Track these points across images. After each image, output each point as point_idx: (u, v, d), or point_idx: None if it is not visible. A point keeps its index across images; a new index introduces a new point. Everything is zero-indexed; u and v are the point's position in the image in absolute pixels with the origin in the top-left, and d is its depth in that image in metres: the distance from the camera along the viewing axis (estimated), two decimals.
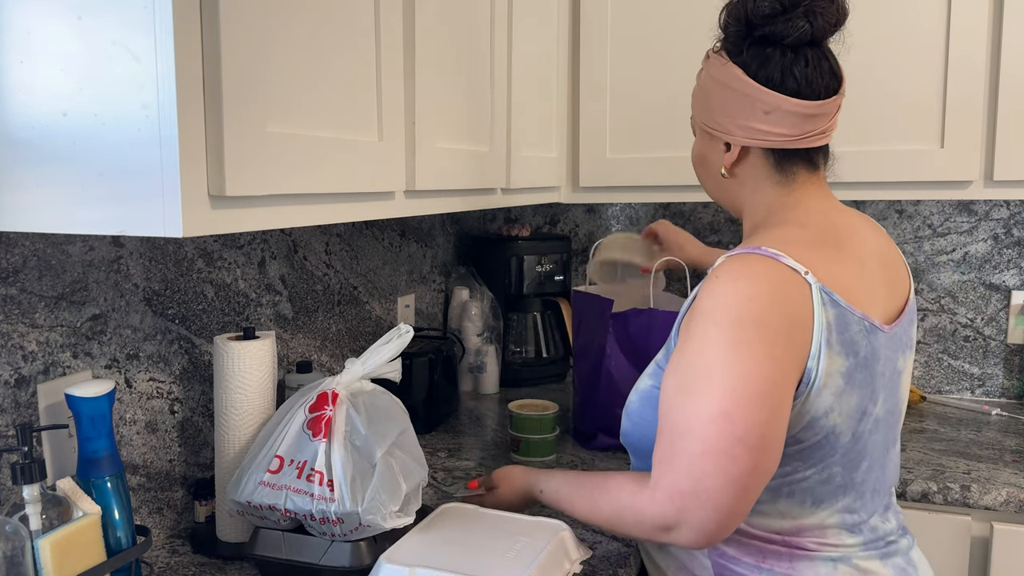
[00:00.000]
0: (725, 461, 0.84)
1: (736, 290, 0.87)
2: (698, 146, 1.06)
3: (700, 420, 0.85)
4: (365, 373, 1.11)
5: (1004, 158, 1.59)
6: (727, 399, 0.84)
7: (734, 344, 0.85)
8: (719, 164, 1.02)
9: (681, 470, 0.86)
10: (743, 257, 0.90)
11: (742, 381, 0.84)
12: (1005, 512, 1.42)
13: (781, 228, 0.96)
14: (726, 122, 0.98)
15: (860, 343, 0.91)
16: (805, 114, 0.95)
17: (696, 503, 0.86)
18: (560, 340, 2.15)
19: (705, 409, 0.85)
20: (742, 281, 0.87)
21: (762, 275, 0.87)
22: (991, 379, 1.95)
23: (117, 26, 0.71)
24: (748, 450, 0.84)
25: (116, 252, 1.12)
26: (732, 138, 0.98)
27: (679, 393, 0.88)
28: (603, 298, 1.58)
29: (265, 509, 1.04)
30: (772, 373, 0.85)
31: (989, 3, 1.57)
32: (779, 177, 1.00)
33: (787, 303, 0.87)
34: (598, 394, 1.58)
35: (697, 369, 0.87)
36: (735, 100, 0.96)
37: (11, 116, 0.76)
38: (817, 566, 0.95)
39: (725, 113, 0.98)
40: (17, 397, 0.99)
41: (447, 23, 1.20)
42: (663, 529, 0.89)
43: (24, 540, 0.83)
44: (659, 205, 2.18)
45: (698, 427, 0.85)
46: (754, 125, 0.96)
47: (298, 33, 0.85)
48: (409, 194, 1.12)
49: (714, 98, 0.99)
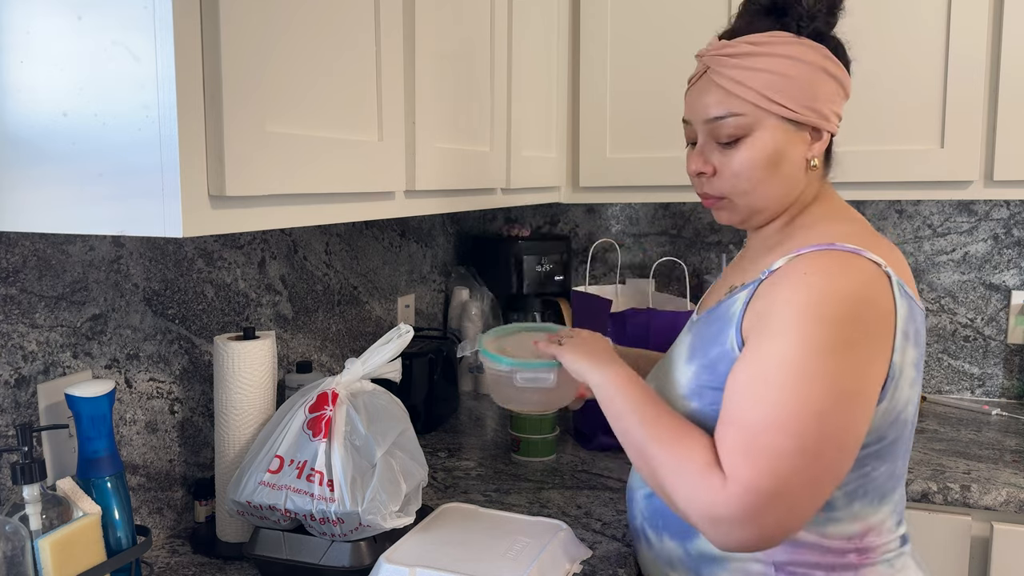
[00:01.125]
0: (812, 462, 0.81)
1: (832, 287, 0.84)
2: (770, 144, 0.93)
3: (793, 418, 0.81)
4: (365, 373, 1.11)
5: (1004, 158, 1.59)
6: (826, 399, 0.81)
7: (834, 342, 0.82)
8: (801, 157, 0.95)
9: (763, 467, 0.81)
10: (829, 254, 0.87)
11: (840, 381, 0.82)
12: (1005, 512, 1.42)
13: (837, 223, 0.94)
14: (821, 107, 0.93)
15: (922, 331, 0.91)
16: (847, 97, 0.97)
17: (772, 504, 0.81)
18: None
19: (799, 407, 0.81)
20: (838, 278, 0.85)
21: (854, 271, 0.85)
22: (991, 379, 1.95)
23: (117, 26, 0.70)
24: (837, 452, 0.82)
25: (116, 252, 1.12)
26: (828, 124, 0.94)
27: (765, 386, 0.83)
28: (602, 298, 1.58)
29: (265, 509, 1.04)
30: (867, 372, 0.84)
31: (989, 3, 1.57)
32: (824, 170, 1.00)
33: (877, 299, 0.85)
34: None
35: (791, 365, 0.82)
36: (827, 84, 0.93)
37: (11, 116, 0.76)
38: (879, 569, 0.93)
39: (819, 98, 0.92)
40: (17, 397, 0.99)
41: (447, 23, 1.20)
42: (715, 521, 0.83)
43: (24, 540, 0.83)
44: (659, 205, 2.18)
45: (790, 424, 0.81)
46: (838, 109, 0.95)
47: (298, 33, 0.85)
48: (409, 194, 1.12)
49: (808, 83, 0.92)
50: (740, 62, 0.92)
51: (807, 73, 0.92)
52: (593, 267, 2.27)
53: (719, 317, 0.96)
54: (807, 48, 0.92)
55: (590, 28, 1.80)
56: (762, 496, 0.81)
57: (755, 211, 0.98)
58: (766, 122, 0.93)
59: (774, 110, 0.92)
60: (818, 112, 0.93)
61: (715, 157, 0.96)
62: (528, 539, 1.08)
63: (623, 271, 2.22)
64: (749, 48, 0.92)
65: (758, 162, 0.94)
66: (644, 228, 2.20)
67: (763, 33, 0.93)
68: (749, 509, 0.81)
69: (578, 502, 1.34)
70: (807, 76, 0.92)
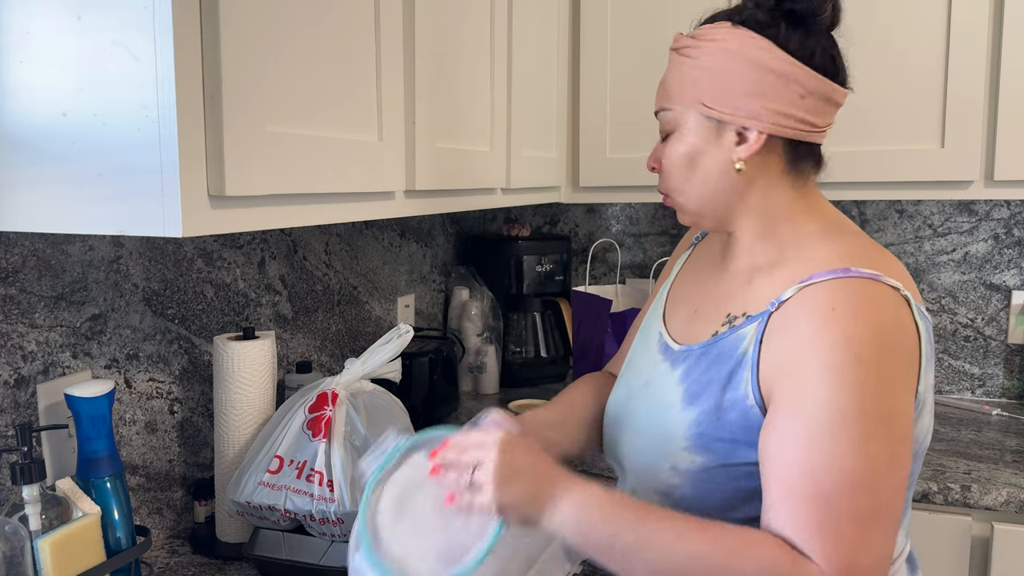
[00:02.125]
0: (895, 516, 0.74)
1: (865, 321, 0.76)
2: (689, 140, 0.86)
3: (867, 475, 0.73)
4: (365, 373, 1.11)
5: (1004, 158, 1.59)
6: (891, 448, 0.74)
7: (881, 381, 0.74)
8: (721, 160, 0.85)
9: (857, 540, 0.72)
10: (849, 284, 0.78)
11: (896, 421, 0.75)
12: (1005, 512, 1.42)
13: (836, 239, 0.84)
14: (751, 105, 0.82)
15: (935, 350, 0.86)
16: (835, 103, 0.84)
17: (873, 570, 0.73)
18: (560, 340, 2.15)
19: (869, 462, 0.73)
20: (870, 310, 0.76)
21: (881, 300, 0.77)
22: (991, 379, 1.95)
23: (117, 26, 0.70)
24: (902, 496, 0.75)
25: (116, 252, 1.12)
26: (758, 124, 0.83)
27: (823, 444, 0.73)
28: (602, 298, 1.58)
29: (265, 509, 1.04)
30: (908, 407, 0.77)
31: (989, 3, 1.57)
32: (791, 178, 0.87)
33: (904, 329, 0.78)
34: None
35: (846, 417, 0.73)
36: (766, 79, 0.81)
37: (11, 116, 0.76)
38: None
39: (750, 95, 0.82)
40: (17, 397, 0.99)
41: (447, 23, 1.20)
42: None
43: (24, 540, 0.83)
44: (659, 205, 2.18)
45: (867, 483, 0.72)
46: (786, 110, 0.82)
47: (298, 33, 0.85)
48: (409, 194, 1.12)
49: (733, 77, 0.82)
50: (678, 56, 0.88)
51: (733, 66, 0.82)
52: (593, 267, 2.27)
53: (721, 354, 0.84)
54: (740, 39, 0.82)
55: (590, 28, 1.80)
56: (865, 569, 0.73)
57: (691, 212, 0.90)
58: (688, 117, 0.86)
59: (693, 106, 0.85)
60: (745, 111, 0.83)
61: (659, 152, 0.91)
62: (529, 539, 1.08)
63: (623, 271, 2.22)
64: (689, 41, 0.87)
65: (677, 159, 0.88)
66: (644, 228, 2.20)
67: (709, 24, 0.87)
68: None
69: None
70: (733, 70, 0.82)
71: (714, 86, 0.84)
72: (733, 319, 0.86)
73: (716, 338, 0.86)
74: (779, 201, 0.87)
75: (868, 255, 0.82)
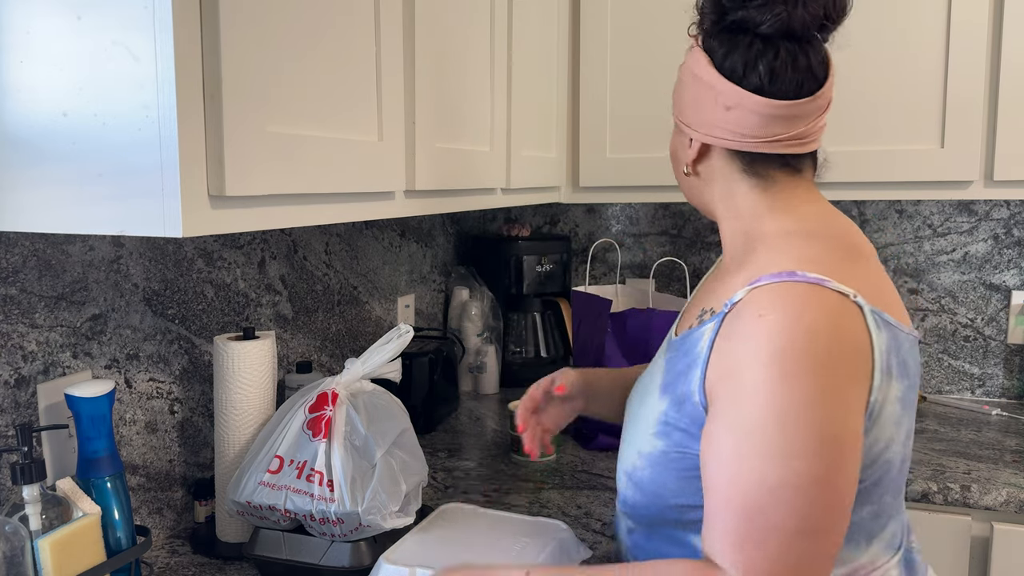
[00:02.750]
0: (824, 537, 0.73)
1: (799, 328, 0.74)
2: (672, 140, 0.95)
3: (792, 491, 0.72)
4: (365, 373, 1.11)
5: (1004, 158, 1.59)
6: (821, 463, 0.72)
7: (813, 393, 0.73)
8: (682, 159, 0.92)
9: (774, 555, 0.72)
10: (785, 287, 0.77)
11: (830, 438, 0.73)
12: (1005, 512, 1.42)
13: (794, 242, 0.84)
14: (691, 115, 0.88)
15: (910, 362, 0.82)
16: (769, 114, 0.83)
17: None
18: (560, 340, 2.16)
19: (795, 478, 0.72)
20: (798, 319, 0.74)
21: (818, 307, 0.75)
22: (991, 379, 1.95)
23: (117, 26, 0.70)
24: (844, 516, 0.75)
25: (116, 252, 1.12)
26: (695, 133, 0.88)
27: (750, 459, 0.73)
28: (602, 298, 1.58)
29: (265, 509, 1.04)
30: (852, 420, 0.75)
31: (989, 3, 1.57)
32: (753, 180, 0.88)
33: (849, 335, 0.76)
34: None
35: (771, 428, 0.73)
36: (699, 92, 0.86)
37: (11, 116, 0.76)
38: None
39: (690, 105, 0.88)
40: (17, 397, 0.99)
41: (447, 23, 1.20)
42: None
43: (24, 540, 0.83)
44: (659, 205, 2.18)
45: (791, 499, 0.72)
46: (714, 121, 0.85)
47: (298, 33, 0.85)
48: (409, 194, 1.12)
49: (683, 88, 0.89)
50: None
51: (683, 79, 0.90)
52: (593, 267, 2.27)
53: (688, 349, 0.86)
54: (693, 53, 0.88)
55: (590, 28, 1.80)
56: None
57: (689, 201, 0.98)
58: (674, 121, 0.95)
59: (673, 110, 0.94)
60: (688, 120, 0.89)
61: None
62: (528, 539, 1.08)
63: (623, 271, 2.22)
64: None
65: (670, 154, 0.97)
66: (644, 228, 2.20)
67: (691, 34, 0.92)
68: None
69: (578, 502, 1.34)
70: (683, 82, 0.90)
71: (676, 96, 0.92)
72: (703, 314, 0.89)
73: (690, 331, 0.88)
74: (744, 203, 0.89)
75: (825, 258, 0.81)
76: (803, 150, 0.86)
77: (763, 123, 0.83)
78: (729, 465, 0.75)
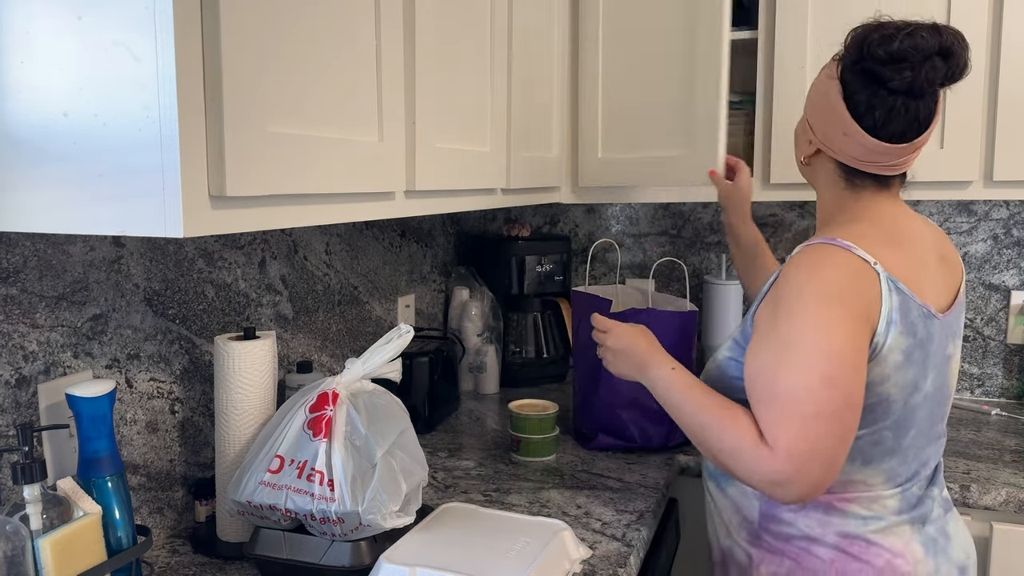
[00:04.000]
0: (834, 422, 0.95)
1: (819, 275, 0.99)
2: (798, 125, 1.17)
3: (808, 386, 0.95)
4: (365, 373, 1.11)
5: (1004, 158, 1.59)
6: (829, 366, 0.95)
7: (825, 320, 0.96)
8: (802, 151, 1.15)
9: (796, 432, 0.95)
10: (821, 247, 1.02)
11: (837, 350, 0.95)
12: (1005, 512, 1.42)
13: (853, 225, 1.07)
14: (816, 122, 1.10)
15: (919, 326, 1.02)
16: (873, 150, 1.04)
17: (811, 462, 0.95)
18: (560, 340, 2.16)
19: (810, 376, 0.95)
20: (824, 267, 0.99)
21: (840, 262, 0.99)
22: (991, 379, 1.95)
23: (117, 26, 0.71)
24: (850, 410, 0.96)
25: (117, 252, 1.12)
26: (813, 136, 1.11)
27: (779, 365, 0.98)
28: (602, 298, 1.58)
29: (265, 509, 1.04)
30: (857, 343, 0.97)
31: (989, 3, 1.57)
32: (847, 185, 1.11)
33: (861, 286, 0.98)
34: (598, 394, 1.58)
35: (793, 343, 0.97)
36: (826, 109, 1.07)
37: (11, 116, 0.76)
38: (848, 521, 1.07)
39: (818, 115, 1.10)
40: (18, 397, 0.99)
41: (447, 23, 1.20)
42: (774, 484, 0.96)
43: (24, 540, 0.83)
44: (659, 205, 2.18)
45: (806, 393, 0.95)
46: (832, 137, 1.08)
47: (299, 33, 0.85)
48: (409, 194, 1.12)
49: (815, 97, 1.10)
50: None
51: (817, 89, 1.11)
52: (593, 267, 2.27)
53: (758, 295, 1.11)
54: (827, 75, 1.08)
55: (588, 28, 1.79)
56: (802, 457, 0.95)
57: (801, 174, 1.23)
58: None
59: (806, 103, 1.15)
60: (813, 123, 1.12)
61: None
62: (528, 539, 1.08)
63: (623, 271, 2.22)
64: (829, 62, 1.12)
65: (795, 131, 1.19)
66: (644, 228, 2.20)
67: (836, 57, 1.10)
68: (794, 469, 0.95)
69: (578, 502, 1.34)
70: (816, 92, 1.11)
71: (809, 97, 1.13)
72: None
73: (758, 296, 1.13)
74: (831, 196, 1.13)
75: (867, 236, 1.04)
76: (894, 173, 1.08)
77: (867, 154, 1.06)
78: (763, 370, 1.00)
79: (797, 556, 1.09)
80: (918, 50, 0.98)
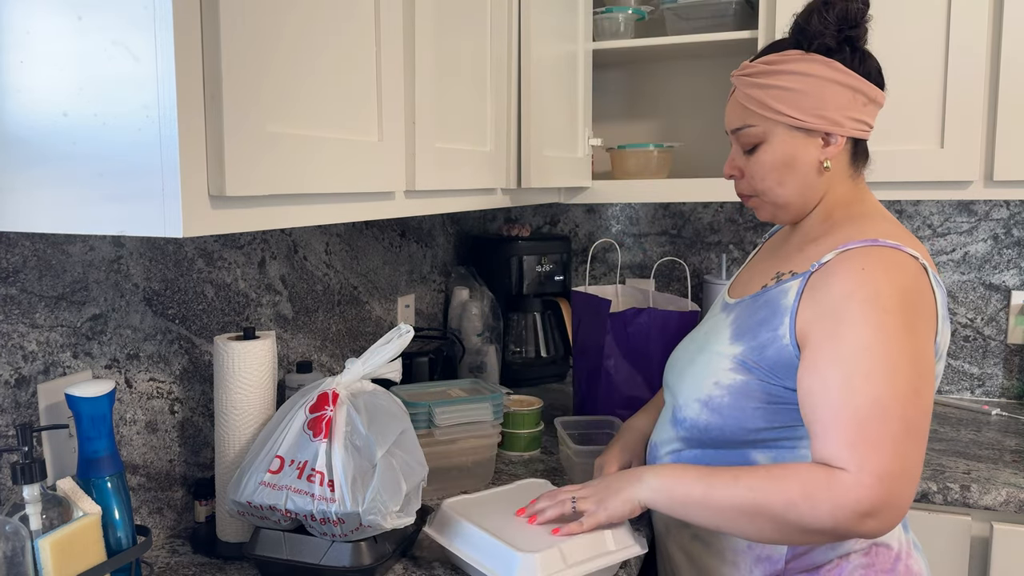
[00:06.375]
0: (921, 438, 0.91)
1: (890, 279, 0.94)
2: (780, 150, 1.06)
3: (896, 402, 0.89)
4: (365, 373, 1.11)
5: (1004, 158, 1.59)
6: (915, 379, 0.90)
7: (904, 327, 0.92)
8: (813, 161, 1.06)
9: (887, 452, 0.88)
10: (869, 250, 0.97)
11: (919, 360, 0.92)
12: (1005, 512, 1.42)
13: (873, 220, 1.04)
14: (834, 115, 1.03)
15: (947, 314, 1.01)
16: (882, 105, 1.06)
17: (903, 483, 0.89)
18: (560, 340, 2.16)
19: (896, 391, 0.89)
20: (893, 271, 0.95)
21: (903, 264, 0.96)
22: (991, 379, 1.95)
23: (117, 26, 0.70)
24: (927, 423, 0.92)
25: (116, 252, 1.12)
26: (841, 129, 1.03)
27: (856, 380, 0.91)
28: (602, 298, 1.58)
29: (265, 509, 1.04)
30: (929, 349, 0.95)
31: (989, 4, 1.57)
32: (851, 171, 1.09)
33: (922, 288, 0.96)
34: (598, 394, 1.57)
35: (875, 353, 0.91)
36: (841, 93, 1.02)
37: (11, 116, 0.76)
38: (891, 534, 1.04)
39: (832, 107, 1.03)
40: (17, 397, 0.99)
41: (447, 23, 1.20)
42: (864, 516, 0.88)
43: (24, 540, 0.83)
44: (659, 205, 2.18)
45: (896, 409, 0.89)
46: (857, 116, 1.03)
47: (299, 33, 0.85)
48: (409, 194, 1.12)
49: (815, 94, 1.03)
50: (754, 80, 1.06)
51: (814, 85, 1.02)
52: (593, 267, 2.27)
53: (768, 303, 1.04)
54: (814, 63, 1.02)
55: None
56: (895, 479, 0.88)
57: (779, 207, 1.10)
58: (776, 131, 1.06)
59: (782, 120, 1.04)
60: (828, 119, 1.03)
61: (740, 161, 1.11)
62: None
63: (623, 271, 2.22)
64: (763, 67, 1.05)
65: (771, 165, 1.07)
66: (644, 228, 2.20)
67: (778, 52, 1.06)
68: (887, 493, 0.88)
69: None
70: (814, 88, 1.02)
71: (800, 102, 1.03)
72: (781, 275, 1.07)
73: (764, 290, 1.06)
74: (840, 191, 1.09)
75: (894, 232, 1.01)
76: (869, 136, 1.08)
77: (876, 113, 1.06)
78: (839, 387, 0.92)
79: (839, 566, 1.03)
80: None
